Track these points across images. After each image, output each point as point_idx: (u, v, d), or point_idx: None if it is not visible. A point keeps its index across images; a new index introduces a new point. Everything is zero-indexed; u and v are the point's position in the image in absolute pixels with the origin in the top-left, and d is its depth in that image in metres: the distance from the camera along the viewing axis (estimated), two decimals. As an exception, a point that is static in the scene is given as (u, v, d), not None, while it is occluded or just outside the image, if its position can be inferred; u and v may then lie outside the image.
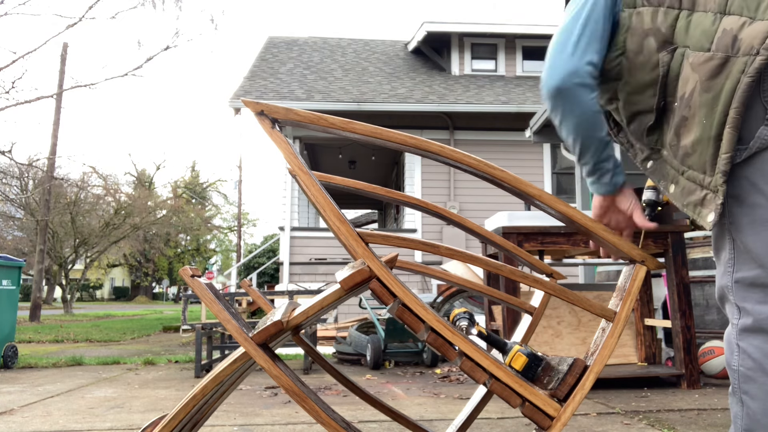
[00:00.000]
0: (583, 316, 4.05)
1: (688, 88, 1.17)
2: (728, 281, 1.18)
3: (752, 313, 1.13)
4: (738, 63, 1.08)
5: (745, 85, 1.06)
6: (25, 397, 3.64)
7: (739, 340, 1.15)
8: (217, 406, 1.63)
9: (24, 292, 28.82)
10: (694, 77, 1.15)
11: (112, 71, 43.44)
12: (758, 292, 1.13)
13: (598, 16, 1.31)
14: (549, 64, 1.31)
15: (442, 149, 1.38)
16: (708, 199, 1.15)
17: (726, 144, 1.09)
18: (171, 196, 31.77)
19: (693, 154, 1.17)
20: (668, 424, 2.68)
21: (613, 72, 1.33)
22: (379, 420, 2.84)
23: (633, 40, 1.28)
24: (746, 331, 1.14)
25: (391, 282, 1.30)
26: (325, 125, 1.34)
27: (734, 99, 1.08)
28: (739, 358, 1.14)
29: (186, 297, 5.40)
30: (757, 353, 1.11)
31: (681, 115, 1.19)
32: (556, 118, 1.34)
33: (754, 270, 1.13)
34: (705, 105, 1.13)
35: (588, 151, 1.33)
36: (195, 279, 1.41)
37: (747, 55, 1.07)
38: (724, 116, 1.10)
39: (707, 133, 1.13)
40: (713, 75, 1.11)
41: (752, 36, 1.07)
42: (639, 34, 1.27)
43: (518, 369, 1.37)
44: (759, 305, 1.12)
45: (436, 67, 12.71)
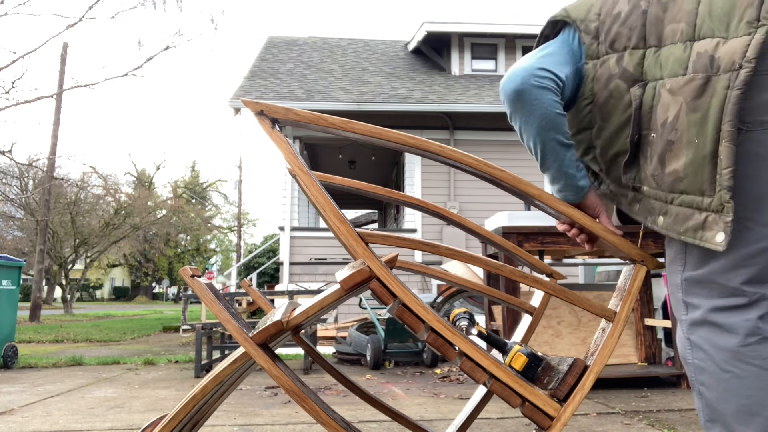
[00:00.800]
0: (583, 316, 4.04)
1: (670, 112, 1.17)
2: (678, 279, 1.24)
3: (698, 307, 1.20)
4: (721, 80, 1.10)
5: (735, 98, 1.08)
6: (25, 397, 3.64)
7: (689, 334, 1.22)
8: (217, 406, 1.63)
9: (24, 292, 28.81)
10: (677, 100, 1.16)
11: (112, 71, 43.45)
12: (705, 288, 1.19)
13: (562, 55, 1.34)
14: (507, 74, 1.32)
15: (442, 149, 1.38)
16: (710, 221, 1.13)
17: (725, 159, 1.09)
18: (171, 196, 31.76)
19: (685, 178, 1.16)
20: (668, 424, 2.68)
21: (584, 121, 1.34)
22: (379, 420, 2.84)
23: (600, 87, 1.30)
24: (695, 324, 1.21)
25: (391, 282, 1.30)
26: (325, 125, 1.34)
27: (726, 113, 1.09)
28: (692, 351, 1.21)
29: (186, 297, 5.40)
30: (706, 344, 1.18)
31: (666, 140, 1.18)
32: (516, 123, 1.34)
33: (700, 269, 1.20)
34: (694, 124, 1.13)
35: (550, 156, 1.33)
36: (195, 279, 1.41)
37: (729, 71, 1.09)
38: (716, 132, 1.10)
39: (701, 152, 1.12)
40: (697, 95, 1.13)
41: (731, 52, 1.09)
42: (605, 80, 1.29)
43: (518, 369, 1.37)
44: (705, 300, 1.19)
45: (436, 67, 12.71)
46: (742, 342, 1.14)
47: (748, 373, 1.13)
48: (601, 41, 1.30)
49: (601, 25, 1.31)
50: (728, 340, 1.15)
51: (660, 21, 1.22)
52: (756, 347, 1.14)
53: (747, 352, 1.14)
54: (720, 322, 1.17)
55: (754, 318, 1.15)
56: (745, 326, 1.15)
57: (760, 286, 1.17)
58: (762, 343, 1.14)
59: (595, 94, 1.31)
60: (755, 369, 1.13)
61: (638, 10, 1.26)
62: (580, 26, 1.34)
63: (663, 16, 1.21)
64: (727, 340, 1.15)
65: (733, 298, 1.17)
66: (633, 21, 1.26)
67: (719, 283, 1.18)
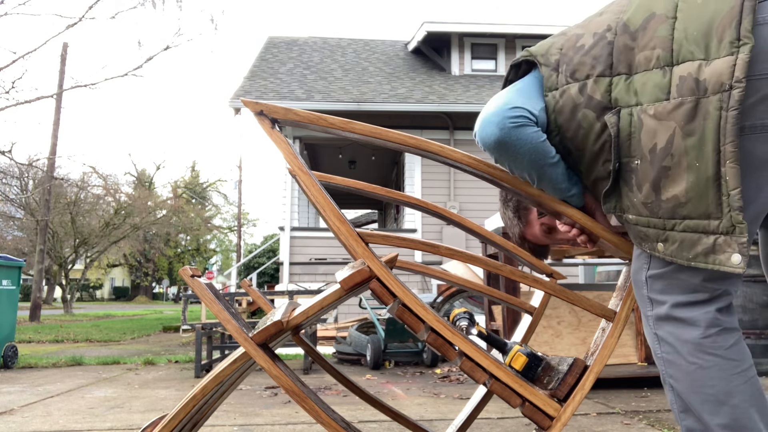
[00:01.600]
0: (583, 316, 4.04)
1: (659, 138, 1.15)
2: (642, 276, 1.28)
3: (663, 303, 1.23)
4: (712, 102, 1.09)
5: (732, 118, 1.07)
6: (25, 397, 3.64)
7: (655, 329, 1.25)
8: (217, 406, 1.63)
9: (24, 292, 28.81)
10: (667, 125, 1.14)
11: (112, 71, 43.43)
12: (667, 285, 1.23)
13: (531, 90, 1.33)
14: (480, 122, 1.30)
15: (442, 149, 1.38)
16: (721, 243, 1.11)
17: (732, 180, 1.08)
18: (171, 196, 31.74)
19: (688, 203, 1.14)
20: (668, 424, 2.68)
21: (560, 151, 1.33)
22: (379, 420, 2.84)
23: (565, 118, 1.28)
24: (660, 320, 1.24)
25: (391, 282, 1.30)
26: (325, 125, 1.34)
27: (726, 134, 1.08)
28: (660, 345, 1.25)
29: (186, 297, 5.40)
30: (671, 338, 1.22)
31: (658, 167, 1.16)
32: (505, 166, 1.35)
33: (664, 267, 1.23)
34: (692, 148, 1.11)
35: (545, 179, 1.34)
36: (195, 279, 1.41)
37: (719, 92, 1.08)
38: (716, 154, 1.09)
39: (703, 175, 1.11)
40: (690, 118, 1.11)
41: (717, 74, 1.09)
42: (570, 111, 1.27)
43: (518, 369, 1.37)
44: (668, 296, 1.23)
45: (436, 67, 12.71)
46: (703, 334, 1.18)
47: (711, 363, 1.17)
48: (561, 72, 1.29)
49: (562, 57, 1.30)
50: (690, 333, 1.19)
51: (629, 49, 1.21)
52: (716, 338, 1.18)
53: (708, 343, 1.18)
54: (682, 316, 1.21)
55: (713, 311, 1.20)
56: (705, 318, 1.19)
57: (721, 283, 1.20)
58: (722, 334, 1.18)
59: (560, 126, 1.29)
60: (717, 359, 1.17)
61: (603, 41, 1.25)
62: (541, 60, 1.33)
63: (633, 44, 1.21)
64: (690, 333, 1.19)
65: (695, 294, 1.21)
66: (597, 51, 1.25)
67: (682, 280, 1.21)
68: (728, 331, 1.19)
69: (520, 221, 1.59)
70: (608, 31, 1.26)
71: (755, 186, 1.13)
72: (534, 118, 1.28)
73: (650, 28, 1.19)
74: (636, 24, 1.22)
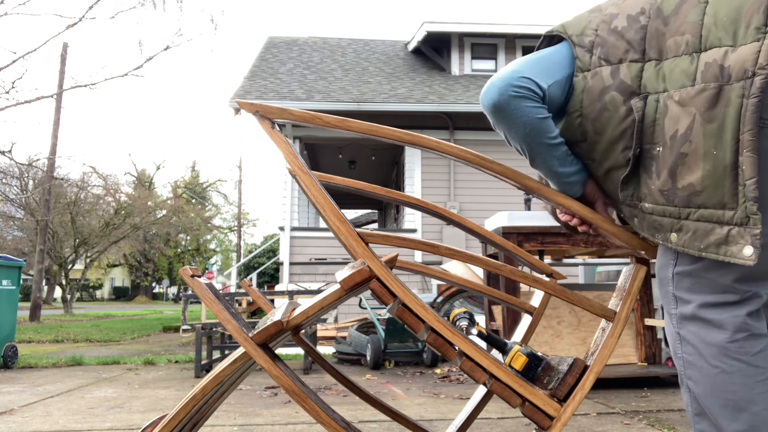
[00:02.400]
0: (583, 316, 4.04)
1: (681, 124, 1.14)
2: (669, 273, 1.24)
3: (689, 302, 1.20)
4: (734, 89, 1.07)
5: (752, 106, 1.05)
6: (25, 397, 3.64)
7: (679, 328, 1.22)
8: (217, 406, 1.63)
9: (24, 292, 28.80)
10: (689, 111, 1.13)
11: (112, 71, 43.38)
12: (696, 283, 1.20)
13: (551, 63, 1.32)
14: (487, 85, 1.31)
15: (439, 144, 1.38)
16: (735, 235, 1.09)
17: (749, 169, 1.06)
18: (171, 196, 31.74)
19: (703, 191, 1.12)
20: (668, 424, 2.68)
21: (576, 134, 1.32)
22: (379, 420, 2.84)
23: (591, 99, 1.27)
24: (684, 319, 1.21)
25: (391, 282, 1.30)
26: (320, 123, 1.34)
27: (745, 122, 1.06)
28: (682, 345, 1.21)
29: (186, 297, 5.40)
30: (694, 339, 1.18)
31: (677, 153, 1.15)
32: (501, 131, 1.34)
33: (693, 264, 1.20)
34: (711, 135, 1.10)
35: (538, 158, 1.33)
36: (195, 279, 1.41)
37: (742, 79, 1.07)
38: (735, 142, 1.07)
39: (720, 163, 1.09)
40: (711, 105, 1.10)
41: (741, 60, 1.07)
42: (598, 92, 1.26)
43: (518, 369, 1.37)
44: (693, 294, 1.20)
45: (436, 67, 12.71)
46: (730, 338, 1.15)
47: (735, 368, 1.14)
48: (594, 53, 1.28)
49: (596, 39, 1.29)
50: (716, 336, 1.16)
51: (661, 35, 1.20)
52: (743, 343, 1.15)
53: (734, 348, 1.15)
54: (709, 317, 1.17)
55: (742, 314, 1.16)
56: (734, 322, 1.15)
57: (752, 284, 1.17)
58: (749, 340, 1.15)
59: (585, 107, 1.28)
60: (742, 365, 1.14)
61: (637, 25, 1.24)
62: (575, 41, 1.32)
63: (664, 29, 1.20)
64: (716, 336, 1.16)
65: (724, 294, 1.17)
66: (631, 35, 1.24)
67: (711, 279, 1.18)
68: (756, 337, 1.15)
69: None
70: (642, 14, 1.25)
71: None
72: (540, 91, 1.27)
73: (682, 12, 1.18)
74: (669, 8, 1.21)
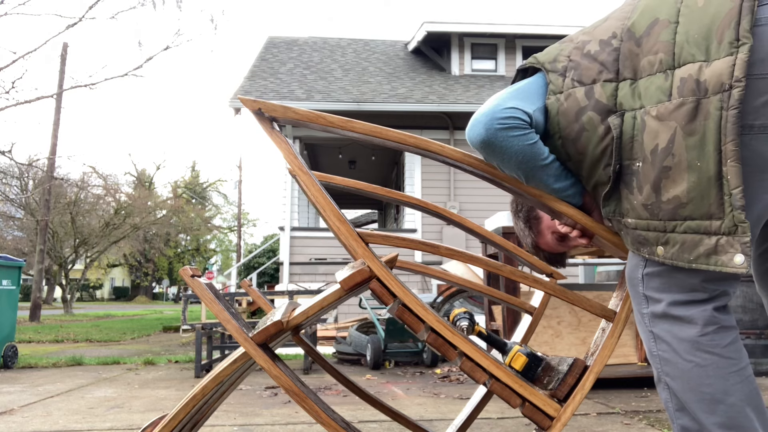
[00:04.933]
0: (583, 316, 4.04)
1: (660, 138, 1.16)
2: (639, 274, 1.27)
3: (660, 301, 1.23)
4: (713, 102, 1.09)
5: (733, 117, 1.07)
6: (25, 397, 3.64)
7: (651, 326, 1.25)
8: (217, 406, 1.63)
9: (24, 292, 28.80)
10: (668, 125, 1.14)
11: (112, 71, 43.37)
12: (665, 283, 1.23)
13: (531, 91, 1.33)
14: (471, 121, 1.31)
15: (443, 148, 1.38)
16: (723, 244, 1.11)
17: (734, 179, 1.08)
18: (171, 196, 31.74)
19: (689, 203, 1.13)
20: (668, 424, 2.68)
21: (561, 155, 1.33)
22: (379, 420, 2.84)
23: (568, 121, 1.28)
24: (656, 317, 1.24)
25: (391, 282, 1.30)
26: (324, 124, 1.34)
27: (726, 133, 1.08)
28: (656, 343, 1.24)
29: (186, 297, 5.40)
30: (668, 336, 1.21)
31: (659, 167, 1.16)
32: (495, 163, 1.35)
33: (662, 265, 1.22)
34: (693, 148, 1.12)
35: (532, 181, 1.35)
36: (195, 279, 1.41)
37: (719, 92, 1.09)
38: (718, 153, 1.09)
39: (705, 174, 1.11)
40: (691, 118, 1.12)
41: (717, 74, 1.09)
42: (574, 114, 1.27)
43: (518, 369, 1.37)
44: (665, 294, 1.22)
45: (436, 67, 12.71)
46: (701, 332, 1.18)
47: (709, 361, 1.17)
48: (567, 76, 1.30)
49: (569, 63, 1.31)
50: (688, 331, 1.19)
51: (635, 55, 1.22)
52: (713, 336, 1.18)
53: (706, 341, 1.18)
54: (679, 314, 1.20)
55: (710, 308, 1.19)
56: (702, 316, 1.18)
57: (720, 283, 1.20)
58: (719, 332, 1.18)
59: (563, 129, 1.29)
60: (715, 357, 1.17)
61: (609, 48, 1.26)
62: (548, 67, 1.33)
63: (637, 50, 1.22)
64: (687, 331, 1.19)
65: (693, 293, 1.20)
66: (604, 57, 1.26)
67: (679, 278, 1.21)
68: (726, 329, 1.19)
69: (531, 231, 1.59)
70: (614, 38, 1.27)
71: (762, 187, 1.13)
72: (527, 118, 1.28)
73: (654, 33, 1.20)
74: (640, 30, 1.23)
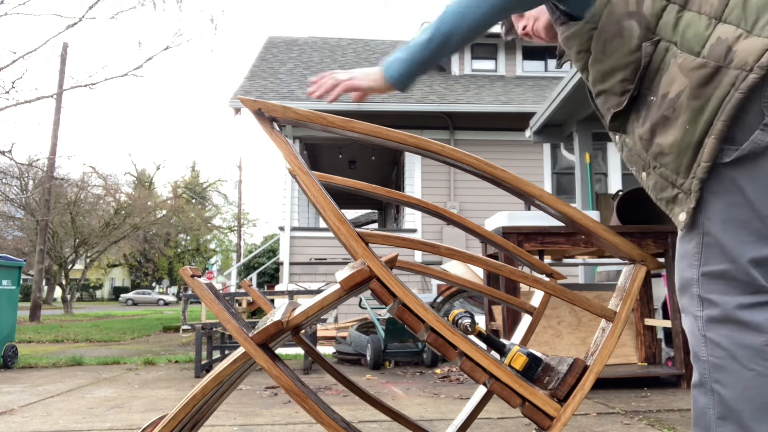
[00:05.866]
0: (583, 316, 4.04)
1: (673, 88, 1.17)
2: (694, 274, 1.22)
3: (719, 305, 1.18)
4: (729, 75, 1.09)
5: (736, 100, 1.07)
6: (25, 397, 3.64)
7: (706, 331, 1.20)
8: (217, 406, 1.63)
9: (24, 292, 28.80)
10: (683, 81, 1.15)
11: (112, 71, 43.41)
12: (724, 284, 1.18)
13: None
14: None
15: (443, 148, 1.38)
16: (680, 199, 1.19)
17: (707, 153, 1.12)
18: (171, 196, 31.73)
19: (668, 155, 1.19)
20: (668, 424, 2.68)
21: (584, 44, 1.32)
22: (379, 420, 2.84)
23: (612, 20, 1.26)
24: (713, 321, 1.19)
25: (391, 282, 1.30)
26: (324, 124, 1.34)
27: (723, 111, 1.09)
28: (708, 348, 1.19)
29: (186, 297, 5.40)
30: (726, 342, 1.16)
31: (661, 114, 1.19)
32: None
33: (722, 264, 1.18)
34: (692, 110, 1.13)
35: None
36: (195, 279, 1.41)
37: (739, 69, 1.07)
38: (708, 125, 1.11)
39: (689, 138, 1.14)
40: (703, 83, 1.12)
41: (748, 51, 1.08)
42: (619, 15, 1.25)
43: (518, 369, 1.37)
44: (724, 296, 1.18)
45: (435, 67, 12.71)
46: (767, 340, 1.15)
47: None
48: None
49: None
50: (753, 339, 1.15)
51: None
52: None
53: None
54: (746, 319, 1.16)
55: None
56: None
57: None
58: None
59: (602, 23, 1.27)
60: None
61: None
62: None
63: None
64: (753, 338, 1.15)
65: (757, 295, 1.17)
66: None
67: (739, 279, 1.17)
68: None
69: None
70: None
71: None
72: None
73: None
74: None
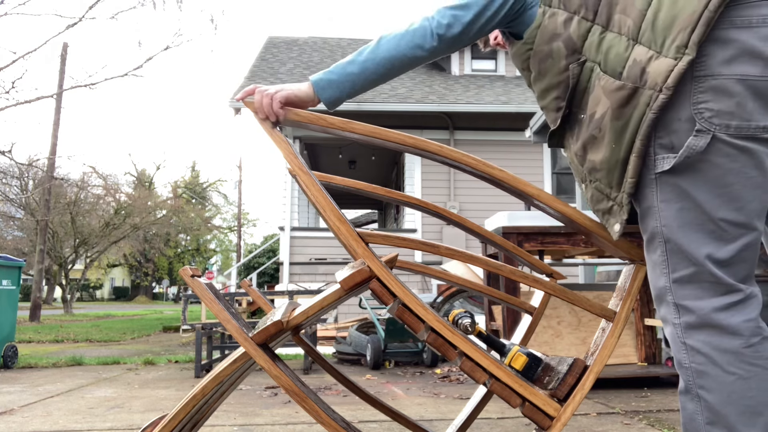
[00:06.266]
0: (583, 316, 4.04)
1: (599, 109, 1.23)
2: (666, 282, 1.22)
3: (694, 311, 1.18)
4: (644, 95, 1.15)
5: (649, 120, 1.14)
6: (25, 397, 3.64)
7: (685, 338, 1.19)
8: (217, 406, 1.63)
9: (24, 292, 28.78)
10: (606, 102, 1.21)
11: (112, 71, 43.35)
12: (696, 289, 1.18)
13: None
14: None
15: (441, 149, 1.38)
16: (615, 211, 1.26)
17: (632, 169, 1.19)
18: (171, 196, 31.72)
19: (600, 171, 1.26)
20: (668, 424, 2.68)
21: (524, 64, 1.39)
22: (379, 420, 2.84)
23: (542, 41, 1.33)
24: (691, 328, 1.18)
25: (391, 282, 1.30)
26: (324, 125, 1.34)
27: (639, 132, 1.16)
28: (689, 355, 1.19)
29: (186, 297, 5.40)
30: (706, 348, 1.16)
31: (590, 133, 1.27)
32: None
33: (689, 268, 1.18)
34: (615, 131, 1.20)
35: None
36: (195, 279, 1.41)
37: (652, 89, 1.13)
38: (631, 144, 1.18)
39: (615, 156, 1.21)
40: (623, 104, 1.18)
41: (657, 72, 1.13)
42: (549, 37, 1.32)
43: (518, 369, 1.37)
44: (699, 301, 1.18)
45: (436, 66, 12.71)
46: (746, 343, 1.14)
47: (753, 373, 1.14)
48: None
49: None
50: (731, 342, 1.15)
51: (613, 5, 1.24)
52: (758, 347, 1.15)
53: (750, 353, 1.14)
54: (722, 323, 1.15)
55: (755, 318, 1.16)
56: (748, 327, 1.15)
57: (750, 281, 1.19)
58: (763, 343, 1.15)
59: (536, 45, 1.34)
60: (759, 369, 1.14)
61: None
62: None
63: (617, 1, 1.24)
64: (730, 342, 1.15)
65: (730, 295, 1.16)
66: None
67: (710, 281, 1.16)
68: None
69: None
70: None
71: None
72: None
73: None
74: None
